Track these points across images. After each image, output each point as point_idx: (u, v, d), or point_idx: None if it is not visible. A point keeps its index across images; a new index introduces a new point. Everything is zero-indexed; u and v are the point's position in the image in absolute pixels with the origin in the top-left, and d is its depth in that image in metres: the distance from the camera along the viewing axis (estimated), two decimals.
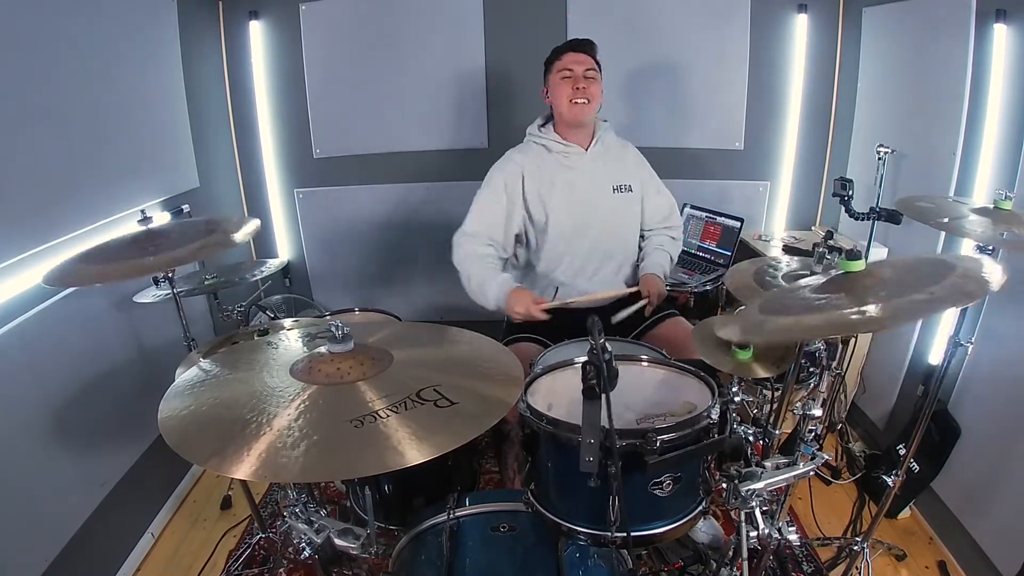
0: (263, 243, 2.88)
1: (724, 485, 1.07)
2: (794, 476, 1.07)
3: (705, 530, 1.70)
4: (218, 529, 2.02)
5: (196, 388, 0.99)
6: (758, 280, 1.43)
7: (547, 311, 1.68)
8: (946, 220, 1.37)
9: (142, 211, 1.55)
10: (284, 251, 2.89)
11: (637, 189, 1.91)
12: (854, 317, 0.89)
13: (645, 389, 1.20)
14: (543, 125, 1.89)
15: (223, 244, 1.49)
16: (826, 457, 1.13)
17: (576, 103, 1.76)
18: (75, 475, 1.70)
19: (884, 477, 1.55)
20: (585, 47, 1.81)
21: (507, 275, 1.80)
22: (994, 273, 0.93)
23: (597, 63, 1.81)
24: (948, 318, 1.79)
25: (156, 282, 1.64)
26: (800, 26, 2.46)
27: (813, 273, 1.34)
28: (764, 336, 0.97)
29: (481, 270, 1.77)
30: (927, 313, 0.90)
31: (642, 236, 1.99)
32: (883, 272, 1.01)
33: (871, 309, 0.89)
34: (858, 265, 1.00)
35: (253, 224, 1.56)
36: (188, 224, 1.62)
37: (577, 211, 1.84)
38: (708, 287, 2.27)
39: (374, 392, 0.93)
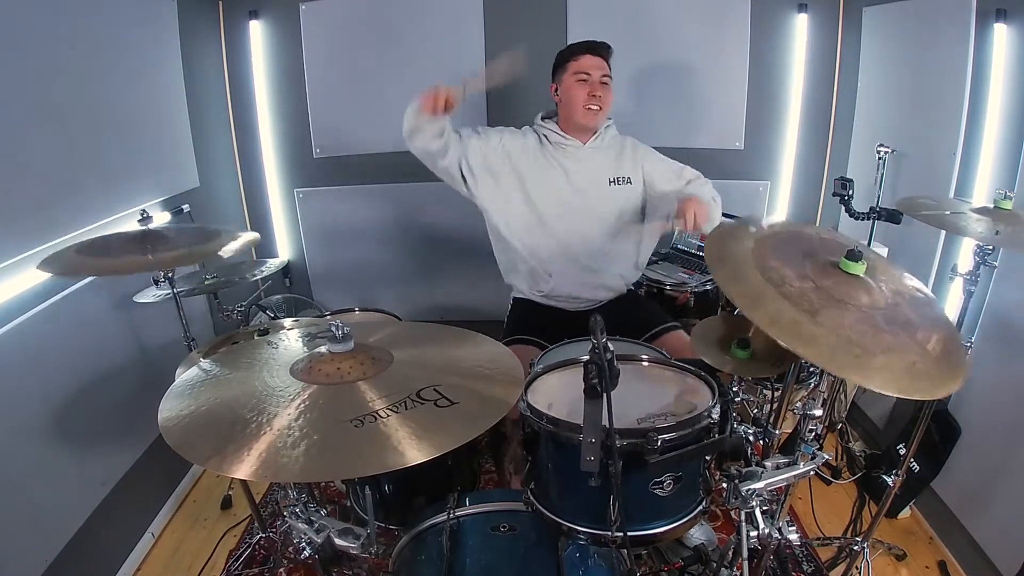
0: (263, 243, 2.88)
1: (724, 485, 1.07)
2: (794, 476, 1.07)
3: (697, 533, 1.70)
4: (218, 529, 2.02)
5: (196, 388, 0.99)
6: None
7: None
8: (947, 213, 1.38)
9: (142, 211, 1.56)
10: (284, 251, 2.89)
11: (637, 181, 1.87)
12: (853, 358, 0.86)
13: (645, 389, 1.20)
14: (545, 118, 1.88)
15: (212, 252, 1.51)
16: (826, 457, 1.13)
17: (590, 109, 1.76)
18: (75, 475, 1.70)
19: (884, 477, 1.56)
20: (603, 51, 1.78)
21: None
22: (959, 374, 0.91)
23: (610, 68, 1.79)
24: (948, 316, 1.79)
25: (156, 282, 1.64)
26: (800, 26, 2.46)
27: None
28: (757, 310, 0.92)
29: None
30: (908, 395, 0.88)
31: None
32: (879, 297, 0.98)
33: (870, 357, 0.87)
34: (858, 268, 1.00)
35: (246, 237, 1.57)
36: (185, 229, 1.63)
37: (567, 200, 1.83)
38: (708, 287, 2.27)
39: (374, 392, 0.93)
